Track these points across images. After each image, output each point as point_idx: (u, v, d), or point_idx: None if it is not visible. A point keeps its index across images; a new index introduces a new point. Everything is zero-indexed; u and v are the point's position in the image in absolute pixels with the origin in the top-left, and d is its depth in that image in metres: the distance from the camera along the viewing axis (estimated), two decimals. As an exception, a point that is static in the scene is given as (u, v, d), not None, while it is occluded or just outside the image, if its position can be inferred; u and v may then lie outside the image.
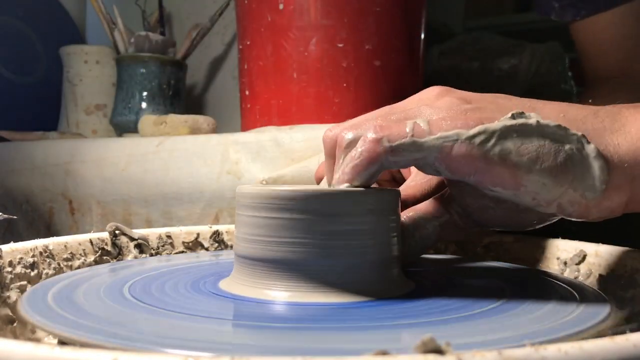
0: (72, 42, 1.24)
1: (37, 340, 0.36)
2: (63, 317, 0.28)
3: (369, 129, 0.33)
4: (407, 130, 0.32)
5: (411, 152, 0.32)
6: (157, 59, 1.08)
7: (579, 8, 0.73)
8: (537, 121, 0.31)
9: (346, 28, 0.75)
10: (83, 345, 0.24)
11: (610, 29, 0.72)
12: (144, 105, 1.07)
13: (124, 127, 1.08)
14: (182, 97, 1.14)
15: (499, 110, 0.34)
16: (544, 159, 0.31)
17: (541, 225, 0.37)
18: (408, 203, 0.42)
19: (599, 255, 0.42)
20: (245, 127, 0.85)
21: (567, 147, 0.31)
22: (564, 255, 0.45)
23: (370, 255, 0.33)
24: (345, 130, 0.35)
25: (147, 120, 0.87)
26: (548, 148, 0.31)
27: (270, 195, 0.32)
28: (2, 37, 1.20)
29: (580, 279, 0.42)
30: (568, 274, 0.43)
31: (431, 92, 0.37)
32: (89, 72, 1.19)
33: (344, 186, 0.34)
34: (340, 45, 0.75)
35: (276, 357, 0.18)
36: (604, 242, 0.42)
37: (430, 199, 0.40)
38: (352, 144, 0.34)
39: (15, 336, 0.36)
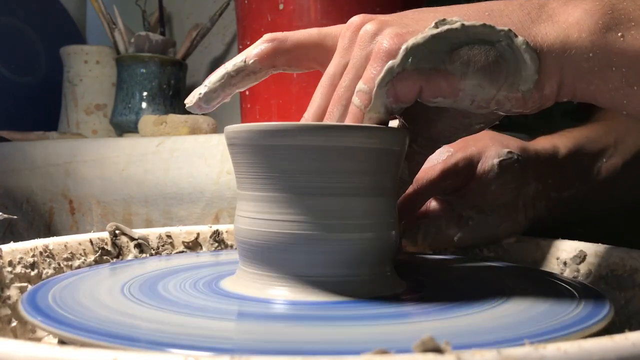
0: (72, 42, 1.24)
1: (37, 340, 0.36)
2: (63, 317, 0.28)
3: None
4: (357, 105, 0.33)
5: (374, 119, 0.33)
6: (157, 59, 1.08)
7: None
8: (462, 24, 0.31)
9: (346, 28, 0.75)
10: (83, 344, 0.24)
11: None
12: (144, 105, 1.08)
13: (124, 127, 1.08)
14: (182, 97, 1.14)
15: (417, 23, 0.34)
16: (475, 60, 0.31)
17: (488, 127, 0.37)
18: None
19: (598, 255, 0.42)
20: (245, 127, 0.85)
21: (496, 44, 0.31)
22: (564, 255, 0.45)
23: (366, 191, 0.32)
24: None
25: (147, 120, 0.87)
26: (478, 49, 0.31)
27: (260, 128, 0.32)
28: (2, 37, 1.20)
29: (580, 279, 0.42)
30: (568, 274, 0.43)
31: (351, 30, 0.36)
32: (89, 72, 1.19)
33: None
34: (340, 45, 0.75)
35: (276, 357, 0.18)
36: (604, 243, 0.42)
37: None
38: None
39: (15, 336, 0.36)
